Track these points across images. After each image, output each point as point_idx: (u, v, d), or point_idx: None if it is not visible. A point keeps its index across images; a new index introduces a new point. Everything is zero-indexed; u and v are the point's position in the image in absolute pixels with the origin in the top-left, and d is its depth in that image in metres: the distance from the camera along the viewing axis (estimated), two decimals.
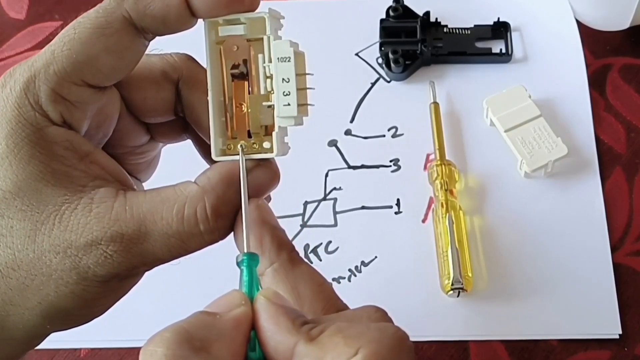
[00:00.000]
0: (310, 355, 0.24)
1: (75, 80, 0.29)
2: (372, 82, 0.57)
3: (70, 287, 0.28)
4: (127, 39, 0.29)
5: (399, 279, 0.48)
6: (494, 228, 0.49)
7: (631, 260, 0.48)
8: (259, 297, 0.26)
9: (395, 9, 0.58)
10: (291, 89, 0.29)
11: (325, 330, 0.25)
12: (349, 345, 0.24)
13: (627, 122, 0.54)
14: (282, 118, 0.29)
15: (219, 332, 0.25)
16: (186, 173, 0.31)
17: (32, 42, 0.61)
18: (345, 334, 0.25)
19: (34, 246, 0.28)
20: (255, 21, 0.30)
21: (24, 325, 0.29)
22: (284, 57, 0.29)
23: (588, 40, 0.57)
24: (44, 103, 0.29)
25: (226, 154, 0.31)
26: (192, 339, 0.25)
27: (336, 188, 0.52)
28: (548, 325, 0.46)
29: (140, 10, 0.29)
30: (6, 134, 0.28)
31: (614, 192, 0.51)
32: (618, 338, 0.45)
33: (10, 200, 0.28)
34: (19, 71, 0.29)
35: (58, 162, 0.29)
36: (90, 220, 0.28)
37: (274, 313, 0.26)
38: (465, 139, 0.53)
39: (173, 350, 0.24)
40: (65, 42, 0.29)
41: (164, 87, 0.32)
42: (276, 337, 0.25)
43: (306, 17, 0.60)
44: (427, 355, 0.45)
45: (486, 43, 0.57)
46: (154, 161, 0.37)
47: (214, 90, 0.30)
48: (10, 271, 0.28)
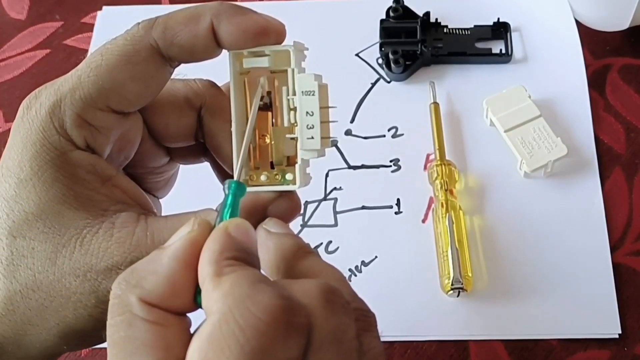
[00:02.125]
0: (208, 290, 0.24)
1: (101, 106, 0.29)
2: (372, 83, 0.57)
3: (88, 310, 0.29)
4: (154, 67, 0.29)
5: (399, 279, 0.48)
6: (494, 228, 0.49)
7: (631, 260, 0.48)
8: (219, 226, 0.26)
9: (396, 9, 0.58)
10: (315, 123, 0.29)
11: (234, 272, 0.24)
12: (225, 295, 0.23)
13: (627, 122, 0.54)
14: (306, 151, 0.30)
15: (156, 265, 0.25)
16: (202, 190, 0.31)
17: (32, 42, 0.61)
18: (235, 281, 0.23)
19: (55, 268, 0.28)
20: (280, 53, 0.30)
21: (41, 345, 0.30)
22: (309, 91, 0.29)
23: (588, 41, 0.57)
24: (69, 128, 0.29)
25: (248, 185, 0.30)
26: (130, 276, 0.25)
27: (336, 188, 0.52)
28: (548, 325, 0.46)
29: (167, 39, 0.29)
30: (30, 157, 0.29)
31: (613, 192, 0.51)
32: (618, 338, 0.45)
33: (32, 222, 0.28)
34: (44, 94, 0.29)
35: (81, 185, 0.29)
36: (111, 245, 0.28)
37: (214, 239, 0.25)
38: (465, 139, 0.53)
39: (115, 288, 0.25)
40: (92, 68, 0.29)
41: (187, 114, 0.33)
42: (201, 265, 0.25)
43: (306, 17, 0.60)
44: (427, 355, 0.45)
45: (486, 43, 0.58)
46: (172, 179, 0.37)
47: (237, 121, 0.30)
48: (30, 292, 0.29)
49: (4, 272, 0.29)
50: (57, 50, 0.61)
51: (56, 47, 0.61)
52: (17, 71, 0.60)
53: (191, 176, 0.39)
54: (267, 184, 0.30)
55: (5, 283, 0.29)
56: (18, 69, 0.60)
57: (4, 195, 0.29)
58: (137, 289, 0.25)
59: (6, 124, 0.57)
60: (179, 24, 0.29)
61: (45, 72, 0.60)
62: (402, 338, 0.46)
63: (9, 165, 0.29)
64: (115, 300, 0.25)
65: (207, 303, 0.24)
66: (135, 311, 0.24)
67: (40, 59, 0.61)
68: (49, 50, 0.61)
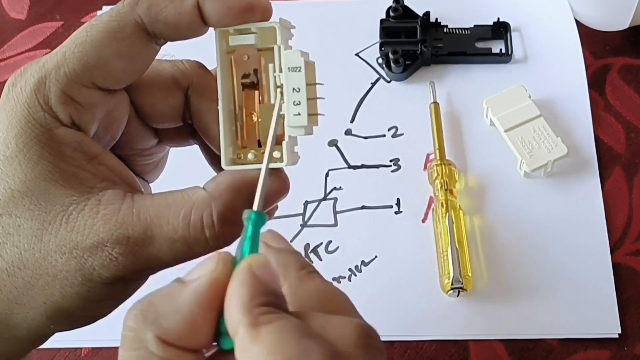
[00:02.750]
0: (244, 342, 0.23)
1: (86, 83, 0.29)
2: (372, 82, 0.57)
3: (75, 288, 0.29)
4: (139, 43, 0.29)
5: (399, 279, 0.48)
6: (493, 228, 0.49)
7: (631, 260, 0.48)
8: (241, 263, 0.25)
9: (396, 9, 0.58)
10: (302, 99, 0.29)
11: (272, 322, 0.23)
12: (270, 352, 0.23)
13: (627, 122, 0.54)
14: (293, 127, 0.29)
15: (176, 303, 0.25)
16: (193, 174, 0.31)
17: (33, 42, 0.61)
18: (278, 337, 0.23)
19: (41, 246, 0.28)
20: (266, 31, 0.30)
21: (28, 325, 0.29)
22: (295, 67, 0.29)
23: (588, 41, 0.57)
24: (54, 104, 0.29)
25: (236, 163, 0.31)
26: (148, 311, 0.25)
27: (336, 188, 0.52)
28: (548, 325, 0.46)
29: (152, 16, 0.29)
30: (15, 134, 0.28)
31: (613, 192, 0.51)
32: (618, 338, 0.45)
33: (18, 200, 0.28)
34: (29, 71, 0.29)
35: (66, 162, 0.29)
36: (97, 222, 0.28)
37: (241, 282, 0.24)
38: (465, 139, 0.53)
39: (131, 321, 0.25)
40: (77, 44, 0.29)
41: (174, 94, 0.32)
42: (229, 310, 0.24)
43: (306, 17, 0.60)
44: (427, 355, 0.46)
45: (486, 43, 0.58)
46: (161, 162, 0.37)
47: (224, 100, 0.30)
48: (16, 270, 0.28)
49: None
50: None
51: (56, 47, 0.61)
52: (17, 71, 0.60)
53: (180, 160, 0.39)
54: (254, 162, 0.30)
55: None
56: (18, 69, 0.60)
57: None
58: (154, 326, 0.24)
59: None
60: (164, 0, 0.29)
61: None
62: (402, 338, 0.46)
63: None
64: (130, 334, 0.25)
65: (244, 356, 0.23)
66: (151, 348, 0.24)
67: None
68: (49, 50, 0.61)
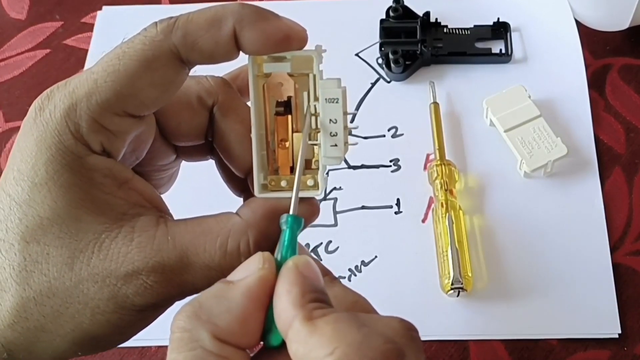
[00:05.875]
0: (300, 334, 0.24)
1: (118, 111, 0.29)
2: (372, 82, 0.57)
3: (106, 315, 0.28)
4: (173, 72, 0.29)
5: (399, 279, 0.48)
6: (493, 228, 0.49)
7: (630, 260, 0.48)
8: (287, 262, 0.26)
9: (395, 9, 0.58)
10: (339, 130, 0.29)
11: (327, 315, 0.24)
12: (332, 340, 0.23)
13: (627, 122, 0.54)
14: (328, 158, 0.29)
15: (228, 302, 0.25)
16: (202, 186, 0.30)
17: (32, 42, 0.61)
18: (336, 327, 0.24)
19: (71, 274, 0.28)
20: (300, 57, 0.29)
21: (53, 351, 0.29)
22: (332, 99, 0.28)
23: (587, 41, 0.57)
24: (85, 133, 0.28)
25: (267, 189, 0.30)
26: (200, 311, 0.25)
27: (336, 188, 0.52)
28: (548, 325, 0.46)
29: (188, 45, 0.28)
30: (45, 160, 0.28)
31: (613, 192, 0.51)
32: (617, 338, 0.45)
33: (47, 227, 0.28)
34: (58, 96, 0.28)
35: (98, 189, 0.29)
36: (131, 250, 0.28)
37: (291, 280, 0.25)
38: (465, 139, 0.53)
39: (183, 322, 0.25)
40: (109, 73, 0.28)
41: (199, 113, 0.32)
42: (281, 306, 0.25)
43: (306, 17, 0.59)
44: (427, 355, 0.45)
45: (486, 43, 0.58)
46: (174, 175, 0.37)
47: (257, 126, 0.30)
48: (44, 299, 0.28)
49: (17, 278, 0.28)
50: (57, 50, 0.61)
51: (56, 47, 0.61)
52: (17, 71, 0.60)
53: (190, 172, 0.38)
54: (287, 189, 0.30)
55: (18, 290, 0.28)
56: (18, 69, 0.60)
57: (17, 200, 0.28)
58: (209, 325, 0.25)
59: (6, 123, 0.57)
60: (200, 29, 0.28)
61: (45, 72, 0.60)
62: None
63: (21, 168, 0.28)
64: (185, 334, 0.25)
65: (301, 348, 0.24)
66: (208, 347, 0.24)
67: (40, 58, 0.61)
68: (49, 50, 0.61)
